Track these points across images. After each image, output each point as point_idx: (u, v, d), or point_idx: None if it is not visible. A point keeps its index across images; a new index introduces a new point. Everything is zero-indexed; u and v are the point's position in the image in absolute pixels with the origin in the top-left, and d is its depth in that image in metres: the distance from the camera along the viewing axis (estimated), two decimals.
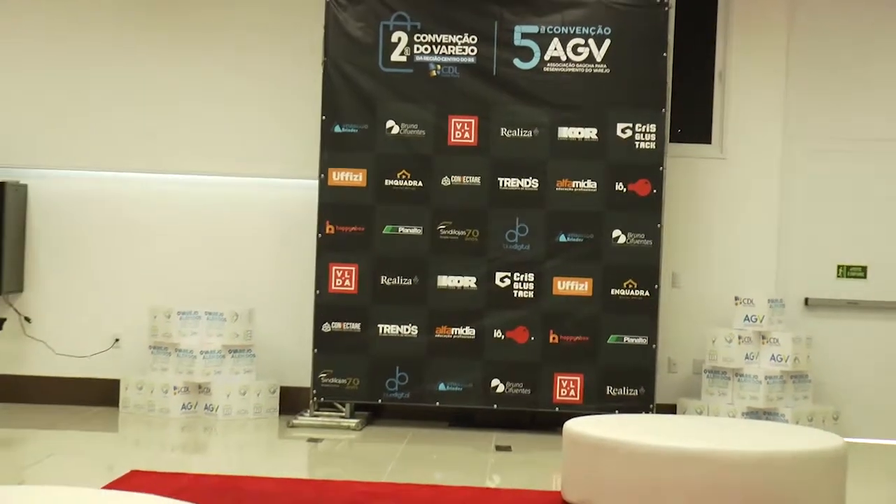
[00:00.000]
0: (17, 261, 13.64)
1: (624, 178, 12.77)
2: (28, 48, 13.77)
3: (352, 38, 12.97)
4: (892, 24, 13.38)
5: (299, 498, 9.66)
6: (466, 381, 12.91)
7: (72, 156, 13.75)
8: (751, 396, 12.73)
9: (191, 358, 13.14)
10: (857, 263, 13.39)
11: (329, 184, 12.98)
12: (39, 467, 11.00)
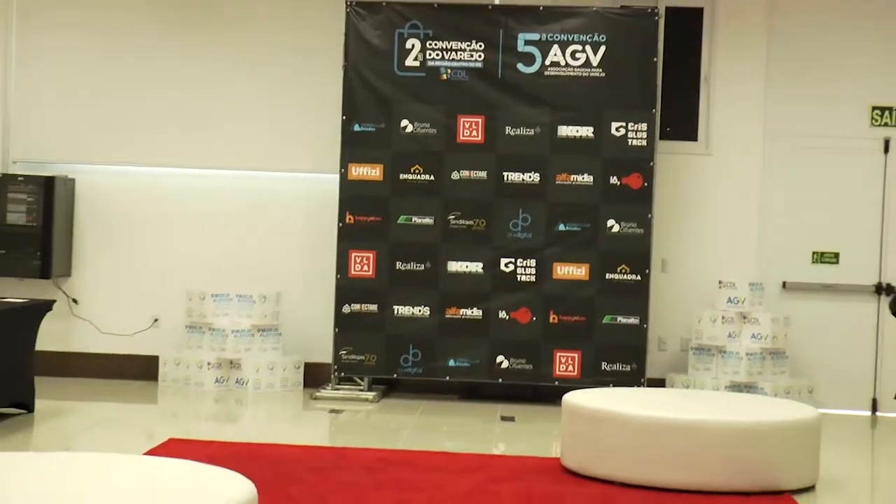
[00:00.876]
0: (65, 248, 13.67)
1: (618, 172, 12.77)
2: (77, 56, 13.75)
3: (370, 44, 12.97)
4: (862, 33, 13.36)
5: (321, 463, 9.67)
6: (474, 358, 12.93)
7: (116, 152, 13.75)
8: (733, 371, 12.75)
9: (223, 336, 13.18)
10: (831, 250, 13.39)
11: (349, 178, 12.99)
12: (86, 435, 11.03)
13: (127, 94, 13.73)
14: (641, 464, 9.15)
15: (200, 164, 13.71)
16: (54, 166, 13.73)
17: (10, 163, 13.78)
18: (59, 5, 13.78)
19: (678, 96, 13.47)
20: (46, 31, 13.79)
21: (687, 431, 9.16)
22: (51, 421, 11.25)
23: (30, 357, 11.45)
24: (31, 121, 13.84)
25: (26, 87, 13.84)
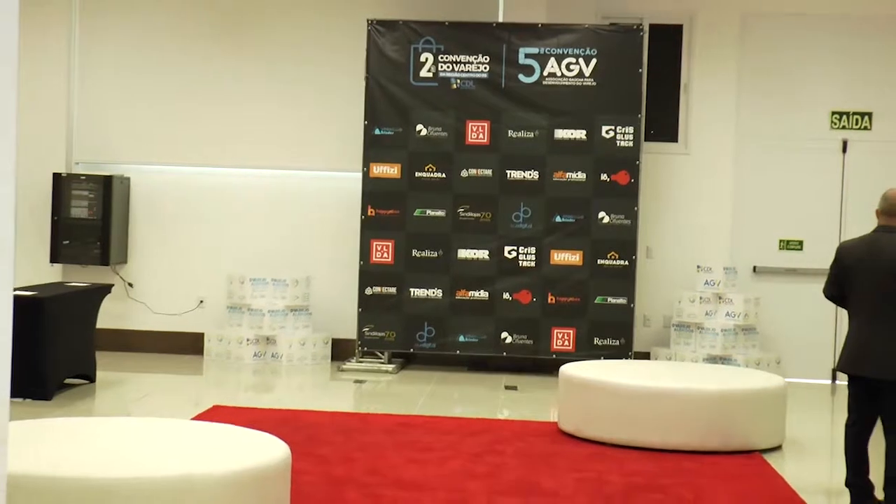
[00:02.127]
0: (121, 238, 13.69)
1: (607, 170, 12.77)
2: (132, 70, 13.75)
3: (388, 58, 12.98)
4: (822, 48, 13.33)
5: (347, 427, 9.70)
6: (481, 334, 12.95)
7: (166, 154, 13.77)
8: (710, 345, 12.76)
9: (260, 316, 13.21)
10: (796, 238, 13.39)
11: (370, 175, 13.00)
12: (141, 403, 11.06)
13: (176, 103, 13.75)
14: (628, 427, 9.19)
15: (239, 164, 13.73)
16: (112, 167, 13.75)
17: (74, 164, 13.79)
18: (116, 25, 13.79)
19: (661, 103, 13.47)
20: (105, 48, 13.79)
21: (669, 398, 9.20)
22: (110, 390, 11.29)
23: (92, 334, 11.50)
24: (92, 127, 13.85)
25: (87, 98, 13.85)
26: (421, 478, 8.03)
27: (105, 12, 13.80)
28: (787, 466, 8.82)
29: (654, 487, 7.98)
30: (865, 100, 13.40)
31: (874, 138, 13.36)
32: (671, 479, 8.23)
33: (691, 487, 8.02)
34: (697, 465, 8.68)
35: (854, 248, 7.57)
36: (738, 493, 7.92)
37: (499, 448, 9.06)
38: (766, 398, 9.41)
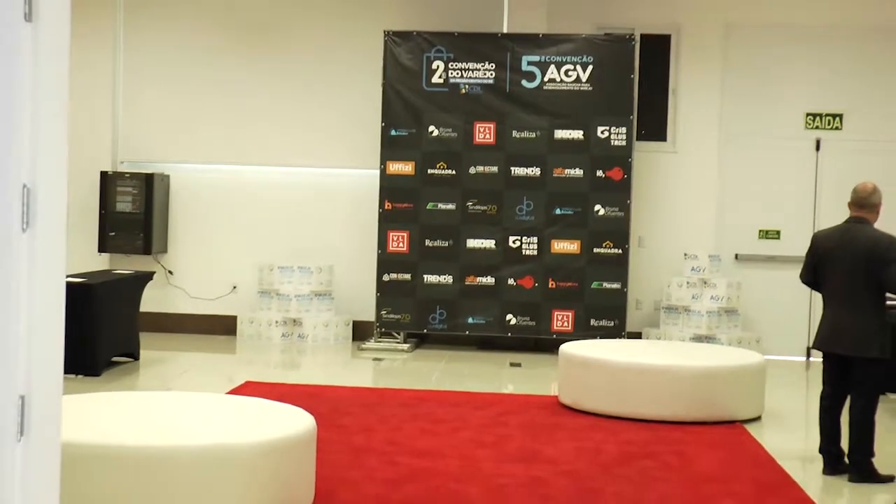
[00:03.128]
0: (162, 230, 13.72)
1: (603, 166, 12.77)
2: (171, 76, 13.78)
3: (403, 65, 12.98)
4: (798, 55, 13.31)
5: (367, 401, 9.74)
6: (488, 316, 12.96)
7: (202, 154, 13.78)
8: (696, 326, 12.77)
9: (287, 300, 13.23)
10: (774, 228, 13.38)
11: (387, 172, 13.01)
12: (180, 378, 11.10)
13: (211, 108, 13.76)
14: (622, 400, 9.21)
15: (268, 162, 13.73)
16: (153, 165, 13.77)
17: (119, 163, 13.81)
18: (157, 38, 13.80)
19: (651, 105, 13.47)
20: (146, 58, 13.81)
21: (659, 374, 9.22)
22: (152, 367, 11.33)
23: (136, 317, 11.53)
24: (135, 129, 13.87)
25: (131, 103, 13.86)
26: (434, 447, 8.06)
27: (146, 27, 13.83)
28: (765, 435, 8.83)
29: (646, 454, 8.00)
30: (836, 102, 13.37)
31: (845, 137, 13.33)
32: (661, 446, 8.26)
33: (679, 454, 8.05)
34: (684, 434, 8.70)
35: (828, 238, 7.70)
36: (721, 460, 7.94)
37: (504, 419, 9.09)
38: (746, 373, 9.43)
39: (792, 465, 7.91)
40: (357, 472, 7.25)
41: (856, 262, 7.43)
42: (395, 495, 6.75)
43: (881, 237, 7.50)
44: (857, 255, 7.43)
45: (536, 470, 7.48)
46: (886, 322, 7.59)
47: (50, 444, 3.30)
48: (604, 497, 6.88)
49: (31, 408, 3.17)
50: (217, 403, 6.88)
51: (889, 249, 7.38)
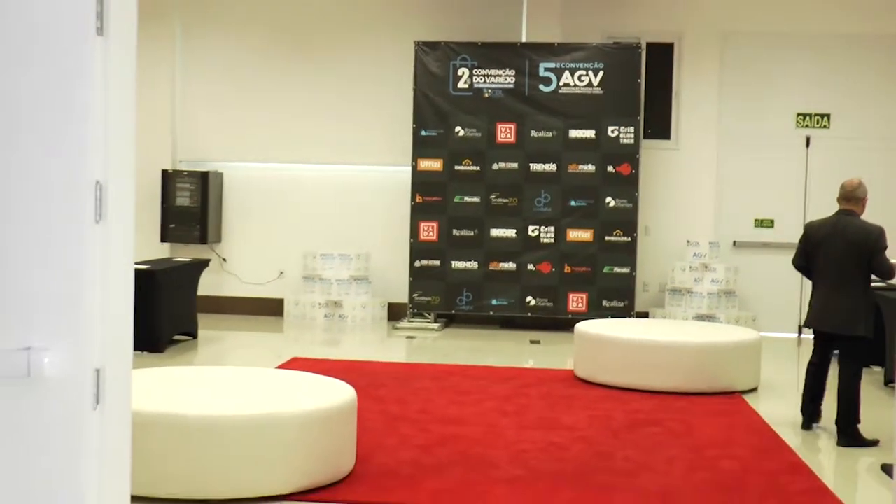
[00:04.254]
0: (217, 222, 13.76)
1: (613, 162, 12.76)
2: (225, 82, 13.83)
3: (431, 72, 12.99)
4: (789, 61, 13.27)
5: (401, 374, 9.77)
6: (510, 298, 12.97)
7: (252, 153, 13.82)
8: (697, 306, 12.75)
9: (329, 284, 13.25)
10: (768, 217, 13.34)
11: (418, 169, 13.02)
12: (234, 355, 11.16)
13: (260, 112, 13.79)
14: (631, 373, 9.22)
15: (311, 161, 13.75)
16: (208, 164, 13.81)
17: (178, 162, 13.87)
18: (210, 50, 13.85)
19: (656, 107, 13.43)
20: (201, 68, 13.86)
21: (664, 349, 9.22)
22: (209, 344, 11.38)
23: (194, 299, 11.59)
24: (192, 130, 13.92)
25: (188, 109, 13.92)
26: (461, 415, 8.08)
27: (201, 40, 13.87)
28: (761, 404, 8.83)
29: (652, 422, 8.01)
30: (825, 103, 13.31)
31: (832, 135, 13.29)
32: (666, 415, 8.26)
33: (683, 422, 8.05)
34: (688, 403, 8.70)
35: (820, 228, 7.85)
36: (721, 426, 7.94)
37: (525, 391, 9.10)
38: (744, 349, 9.43)
39: (785, 430, 7.90)
40: (393, 438, 7.28)
41: (848, 249, 7.60)
42: (427, 459, 6.78)
43: (871, 228, 7.66)
44: (850, 243, 7.60)
45: (554, 436, 7.49)
46: (871, 303, 7.82)
47: (122, 411, 3.34)
48: (615, 460, 6.89)
49: (106, 380, 3.20)
50: (267, 377, 6.91)
51: (879, 239, 7.57)
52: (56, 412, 3.10)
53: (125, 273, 3.34)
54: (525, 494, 6.10)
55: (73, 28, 3.07)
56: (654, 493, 6.18)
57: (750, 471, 6.72)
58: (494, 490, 6.16)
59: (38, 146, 3.06)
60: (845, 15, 13.22)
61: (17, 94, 3.02)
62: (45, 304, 3.08)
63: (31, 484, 3.10)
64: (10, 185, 3.01)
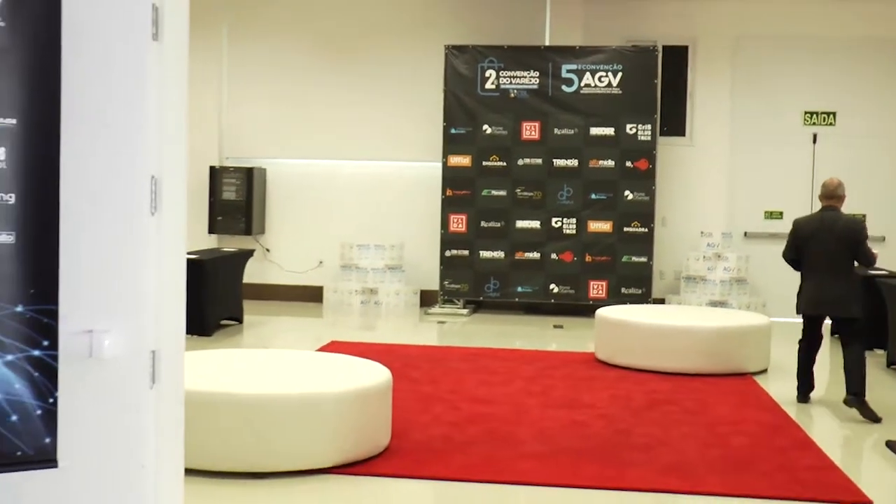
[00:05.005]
0: (260, 214, 13.80)
1: (631, 158, 12.73)
2: (268, 83, 13.89)
3: (461, 74, 12.98)
4: (796, 63, 13.20)
5: (432, 357, 9.79)
6: (535, 285, 12.97)
7: (294, 150, 13.85)
8: (711, 293, 12.71)
9: (365, 273, 13.27)
10: (777, 209, 13.29)
11: (448, 164, 13.02)
12: (277, 338, 11.19)
13: (301, 112, 13.83)
14: (649, 355, 9.21)
15: (349, 157, 13.77)
16: (253, 160, 13.84)
17: (224, 159, 13.92)
18: (254, 54, 13.90)
19: (671, 106, 13.39)
20: (246, 71, 13.91)
21: (679, 333, 9.21)
22: (253, 329, 11.43)
23: (239, 286, 11.65)
24: (237, 129, 13.98)
25: (234, 109, 13.97)
26: (490, 395, 8.10)
27: (246, 45, 13.91)
28: (771, 385, 8.80)
29: (669, 401, 8.00)
30: (831, 102, 13.24)
31: (838, 132, 13.22)
32: (681, 394, 8.25)
33: (697, 401, 8.04)
34: (701, 384, 8.69)
35: (808, 223, 8.18)
36: (733, 405, 7.92)
37: (549, 372, 9.11)
38: (754, 333, 9.41)
39: (793, 409, 7.89)
40: (426, 416, 7.30)
41: (837, 241, 7.89)
42: (458, 435, 6.80)
43: (854, 221, 8.17)
44: (838, 235, 7.90)
45: (576, 414, 7.50)
46: (860, 288, 8.33)
47: (176, 390, 3.37)
48: (633, 436, 6.89)
49: (161, 361, 3.23)
50: (308, 359, 6.95)
51: (861, 231, 7.98)
52: (115, 390, 3.14)
53: (178, 261, 3.37)
54: (550, 469, 6.11)
55: (131, 34, 3.10)
56: (671, 467, 6.18)
57: (760, 447, 6.71)
58: (521, 464, 6.18)
59: (100, 144, 3.09)
60: (849, 20, 13.13)
61: (81, 97, 3.05)
62: (105, 289, 3.11)
63: (93, 457, 3.13)
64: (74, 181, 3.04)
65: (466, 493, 5.73)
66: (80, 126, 3.05)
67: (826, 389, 8.73)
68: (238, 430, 5.73)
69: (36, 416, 2.88)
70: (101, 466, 3.13)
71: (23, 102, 2.85)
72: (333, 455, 5.88)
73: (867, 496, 5.71)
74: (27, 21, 2.85)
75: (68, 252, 3.02)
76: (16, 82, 2.84)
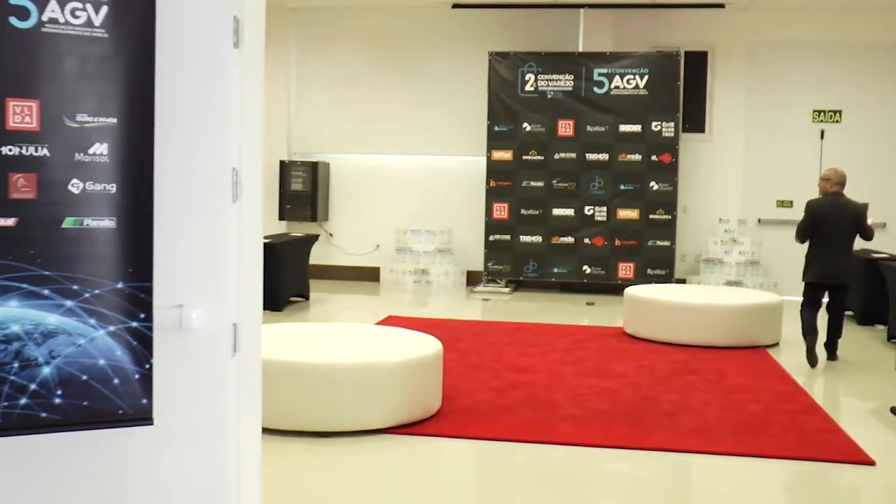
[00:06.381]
0: (325, 203, 13.82)
1: (656, 152, 12.63)
2: (332, 85, 13.91)
3: (503, 77, 12.94)
4: (805, 65, 13.06)
5: (477, 330, 9.80)
6: (569, 267, 12.91)
7: (354, 146, 13.85)
8: (727, 274, 12.62)
9: (417, 255, 13.29)
10: (788, 199, 13.13)
11: (492, 159, 12.98)
12: (340, 313, 11.24)
13: (360, 112, 13.83)
14: (672, 329, 9.17)
15: (403, 152, 13.74)
16: (318, 155, 13.88)
17: (292, 154, 13.98)
18: (319, 62, 13.92)
19: (693, 105, 13.26)
20: (312, 77, 13.93)
21: (699, 310, 9.16)
22: (319, 305, 11.49)
23: (306, 267, 11.70)
24: (304, 128, 14.02)
25: (301, 110, 14.01)
26: (529, 364, 8.10)
27: (311, 51, 13.93)
28: (782, 356, 8.75)
29: (689, 371, 7.97)
30: (837, 101, 13.06)
31: (844, 129, 13.02)
32: (701, 365, 8.22)
33: (715, 371, 8.00)
34: (719, 355, 8.65)
35: (823, 206, 8.60)
36: (747, 374, 7.88)
37: (582, 345, 9.10)
38: (767, 310, 9.34)
39: (801, 378, 7.84)
40: (472, 383, 7.32)
41: (847, 221, 8.39)
42: (501, 400, 6.81)
43: (858, 204, 8.54)
44: (849, 217, 8.40)
45: (607, 382, 7.49)
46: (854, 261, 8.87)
47: (254, 359, 3.39)
48: (658, 402, 6.87)
49: (241, 332, 3.26)
50: (367, 332, 6.98)
51: (864, 211, 8.48)
52: (202, 358, 3.17)
53: (256, 244, 3.40)
54: (584, 430, 6.11)
55: (216, 43, 3.12)
56: (692, 429, 6.17)
57: (772, 412, 6.68)
58: (559, 426, 6.19)
59: (188, 140, 3.12)
60: (853, 27, 12.93)
61: (172, 98, 3.08)
62: (193, 269, 3.14)
63: (182, 417, 3.18)
64: (167, 173, 3.07)
65: (510, 452, 5.75)
66: (171, 124, 3.08)
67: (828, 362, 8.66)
68: (307, 394, 5.78)
69: (134, 379, 2.92)
70: (189, 424, 3.17)
71: (122, 103, 2.88)
72: (390, 417, 5.92)
73: (870, 456, 5.68)
74: (126, 32, 2.88)
75: (161, 235, 3.06)
76: (116, 86, 2.87)
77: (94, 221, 2.87)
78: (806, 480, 5.43)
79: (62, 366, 2.84)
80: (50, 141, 2.80)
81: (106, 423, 2.91)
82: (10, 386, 2.79)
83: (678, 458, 5.70)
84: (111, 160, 2.88)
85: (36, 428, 2.83)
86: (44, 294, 2.81)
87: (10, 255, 2.77)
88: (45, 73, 2.79)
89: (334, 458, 5.50)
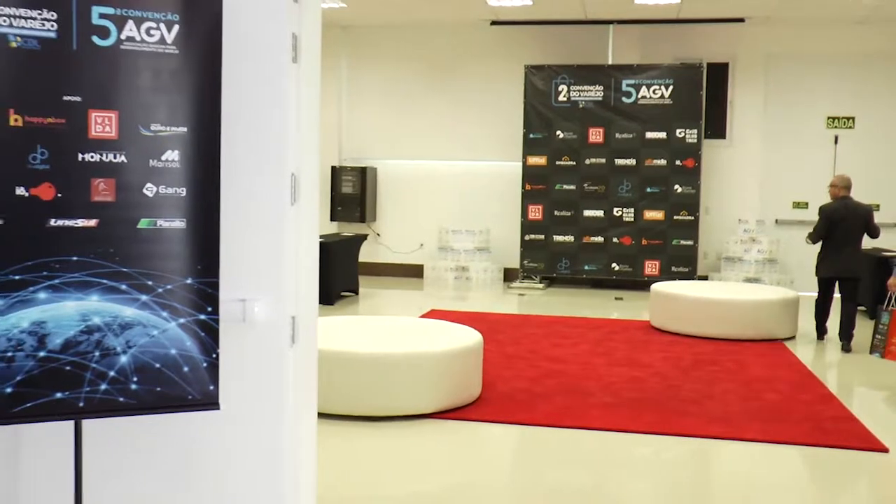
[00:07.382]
0: (373, 205, 13.84)
1: (680, 157, 12.54)
2: (378, 96, 13.96)
3: (538, 88, 12.90)
4: (820, 75, 12.90)
5: (513, 323, 9.78)
6: (599, 264, 12.86)
7: (400, 152, 13.87)
8: (746, 271, 12.50)
9: (458, 253, 13.28)
10: (803, 200, 12.99)
11: (527, 164, 12.94)
12: (387, 307, 11.23)
13: (405, 121, 13.85)
14: (695, 323, 9.11)
15: (445, 158, 13.73)
16: (366, 160, 13.91)
17: (343, 159, 14.02)
18: (367, 75, 13.96)
19: (714, 113, 13.14)
20: (361, 89, 13.97)
21: (721, 304, 9.08)
22: (368, 299, 11.52)
23: (356, 264, 11.74)
24: (354, 135, 14.06)
25: (351, 120, 14.05)
26: (562, 355, 8.08)
27: (361, 66, 13.96)
28: (798, 349, 8.66)
29: (712, 361, 7.91)
30: (850, 108, 12.89)
31: (856, 135, 12.85)
32: (723, 356, 8.15)
33: (736, 362, 7.93)
34: (740, 347, 8.58)
35: (837, 209, 8.78)
36: (766, 365, 7.81)
37: (611, 337, 9.06)
38: (784, 305, 9.24)
39: (818, 369, 7.75)
40: (510, 371, 7.31)
41: (859, 222, 8.70)
42: (536, 387, 6.80)
43: (867, 206, 8.83)
44: (861, 217, 8.71)
45: (635, 371, 7.45)
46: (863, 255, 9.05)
47: (311, 349, 3.41)
48: (682, 391, 6.83)
49: (299, 324, 3.28)
50: (413, 324, 7.00)
51: (872, 211, 8.79)
52: (263, 348, 3.19)
53: (312, 243, 3.41)
54: (615, 416, 6.08)
55: (276, 58, 3.14)
56: (715, 417, 6.12)
57: (789, 401, 6.61)
58: (591, 412, 6.16)
59: (251, 147, 3.14)
60: (866, 37, 12.76)
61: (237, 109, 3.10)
62: (255, 265, 3.16)
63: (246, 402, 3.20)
64: (232, 177, 3.10)
65: (545, 436, 5.74)
66: (236, 132, 3.10)
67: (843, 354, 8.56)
68: (359, 381, 5.80)
69: (202, 368, 2.95)
70: (252, 409, 3.19)
71: (192, 114, 2.91)
72: (434, 403, 5.92)
73: (883, 443, 5.61)
74: (195, 48, 2.91)
75: (227, 235, 3.08)
76: (186, 98, 2.90)
77: (166, 222, 2.90)
78: (822, 466, 5.37)
79: (138, 355, 2.87)
80: (127, 148, 2.84)
81: (176, 408, 2.93)
82: (92, 373, 2.82)
83: (701, 443, 5.66)
84: (181, 166, 2.90)
85: (114, 411, 2.86)
86: (122, 289, 2.85)
87: (92, 253, 2.81)
88: (123, 87, 2.83)
89: (384, 441, 5.52)
